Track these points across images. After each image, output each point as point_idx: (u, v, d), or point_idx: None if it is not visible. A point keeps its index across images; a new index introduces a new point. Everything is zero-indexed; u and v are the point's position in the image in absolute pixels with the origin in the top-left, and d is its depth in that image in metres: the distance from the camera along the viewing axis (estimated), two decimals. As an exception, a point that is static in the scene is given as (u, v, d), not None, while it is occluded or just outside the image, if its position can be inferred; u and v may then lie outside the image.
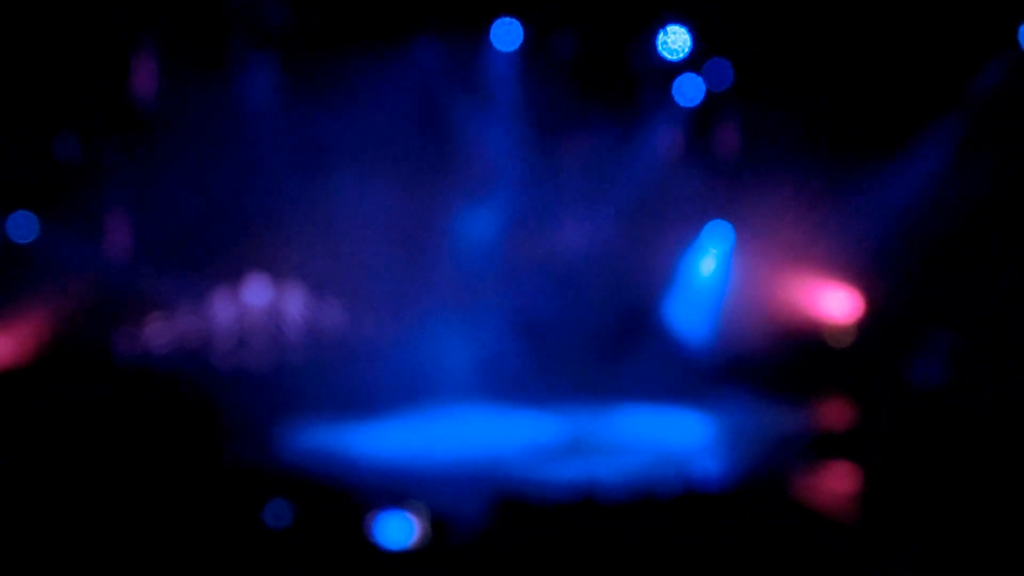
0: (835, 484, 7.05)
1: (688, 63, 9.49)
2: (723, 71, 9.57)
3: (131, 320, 9.62)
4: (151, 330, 9.70)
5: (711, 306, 9.83)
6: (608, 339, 9.58)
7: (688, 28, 9.34)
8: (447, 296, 9.45)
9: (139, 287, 9.50)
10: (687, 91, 9.67)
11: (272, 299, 9.84)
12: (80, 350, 9.14)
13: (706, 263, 9.88)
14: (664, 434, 8.59)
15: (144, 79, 9.26)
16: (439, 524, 5.49)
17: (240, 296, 9.83)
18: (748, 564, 5.11)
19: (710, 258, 9.87)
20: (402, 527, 5.43)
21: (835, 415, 8.85)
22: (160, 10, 8.98)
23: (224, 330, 9.79)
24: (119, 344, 9.60)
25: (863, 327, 9.70)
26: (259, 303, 9.83)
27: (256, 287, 9.83)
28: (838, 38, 8.99)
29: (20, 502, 5.91)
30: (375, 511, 5.51)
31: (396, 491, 5.81)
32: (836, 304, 9.79)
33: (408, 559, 5.39)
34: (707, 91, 9.64)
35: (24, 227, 9.27)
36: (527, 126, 9.57)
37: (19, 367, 9.00)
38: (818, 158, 9.12)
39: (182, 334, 9.74)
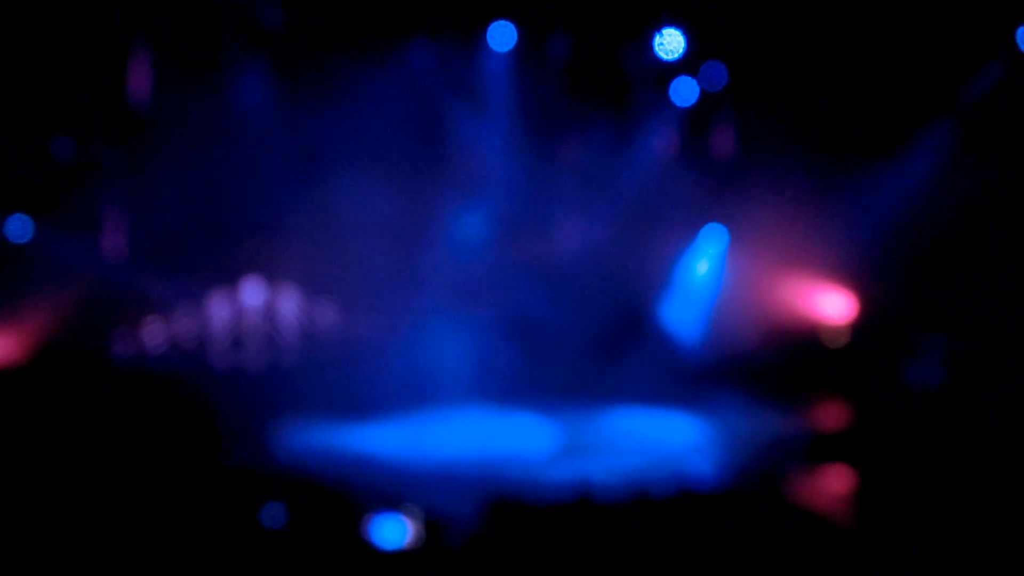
0: (830, 485, 7.06)
1: (683, 65, 9.50)
2: (718, 73, 9.58)
3: (127, 321, 9.62)
4: (147, 331, 9.70)
5: (706, 308, 9.84)
6: (603, 341, 9.58)
7: (683, 30, 9.35)
8: (442, 298, 9.45)
9: (135, 288, 9.50)
10: (682, 93, 9.68)
11: (267, 300, 9.84)
12: (77, 351, 9.14)
13: (701, 265, 9.89)
14: (659, 435, 8.60)
15: (140, 81, 9.26)
16: (433, 525, 5.49)
17: (236, 297, 9.83)
18: (742, 564, 5.12)
19: (705, 260, 9.87)
20: (397, 528, 5.43)
21: (831, 416, 8.85)
22: (157, 12, 8.98)
23: (220, 331, 9.79)
24: (116, 345, 9.60)
25: (858, 328, 9.71)
26: (255, 304, 9.83)
27: (252, 289, 9.83)
28: (833, 40, 9.00)
29: (17, 502, 5.91)
30: (370, 512, 5.51)
31: (391, 492, 5.81)
32: (831, 305, 9.80)
33: (403, 560, 5.39)
34: (702, 93, 9.65)
35: (20, 228, 9.27)
36: (522, 128, 9.57)
37: (16, 367, 9.00)
38: (813, 159, 9.13)
39: (178, 335, 9.74)
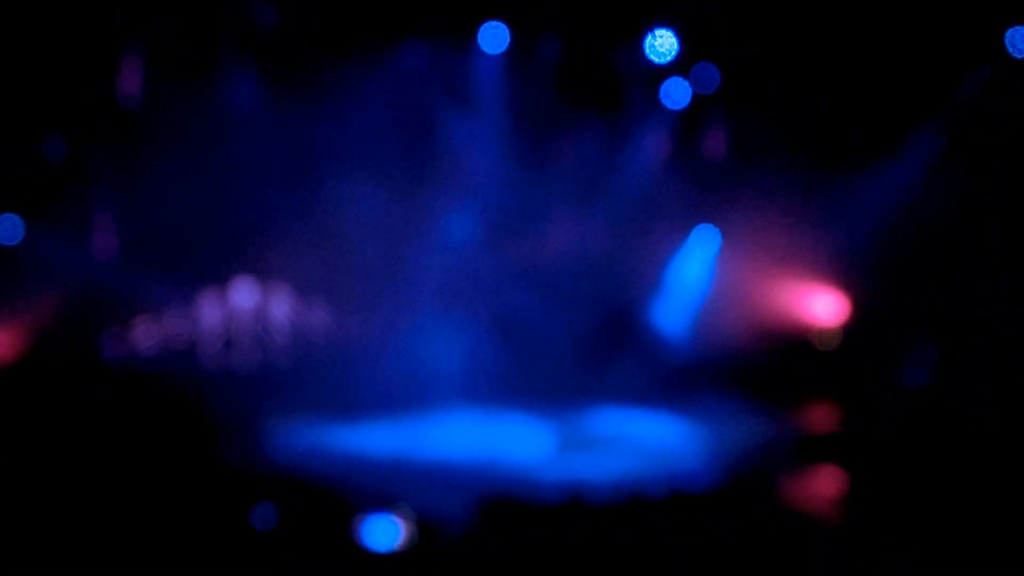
0: (822, 487, 7.08)
1: (675, 66, 9.51)
2: (710, 75, 9.59)
3: (118, 322, 9.61)
4: (138, 332, 9.68)
5: (697, 310, 9.85)
6: (594, 342, 9.59)
7: (675, 31, 9.36)
8: (433, 298, 9.45)
9: (126, 289, 9.49)
10: (674, 94, 9.69)
11: (259, 301, 9.83)
12: (68, 351, 9.12)
13: (692, 266, 9.90)
14: (650, 437, 8.61)
15: (132, 81, 9.25)
16: (425, 526, 5.49)
17: (227, 298, 9.82)
18: (735, 566, 5.13)
19: (696, 261, 9.89)
20: (388, 530, 5.43)
21: (822, 418, 8.87)
22: (150, 12, 8.97)
23: (211, 332, 9.78)
24: (106, 346, 9.58)
25: (850, 330, 9.73)
26: (246, 305, 9.83)
27: (243, 289, 9.83)
28: (825, 42, 9.02)
29: (7, 503, 5.89)
30: (361, 514, 5.51)
31: (382, 493, 5.81)
32: (823, 307, 9.82)
33: (395, 561, 5.39)
34: (694, 94, 9.66)
35: (11, 229, 9.24)
36: (513, 130, 9.57)
37: (6, 368, 8.97)
38: (805, 161, 9.15)
39: (169, 336, 9.73)
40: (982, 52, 8.91)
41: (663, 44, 9.33)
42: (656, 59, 9.43)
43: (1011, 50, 8.83)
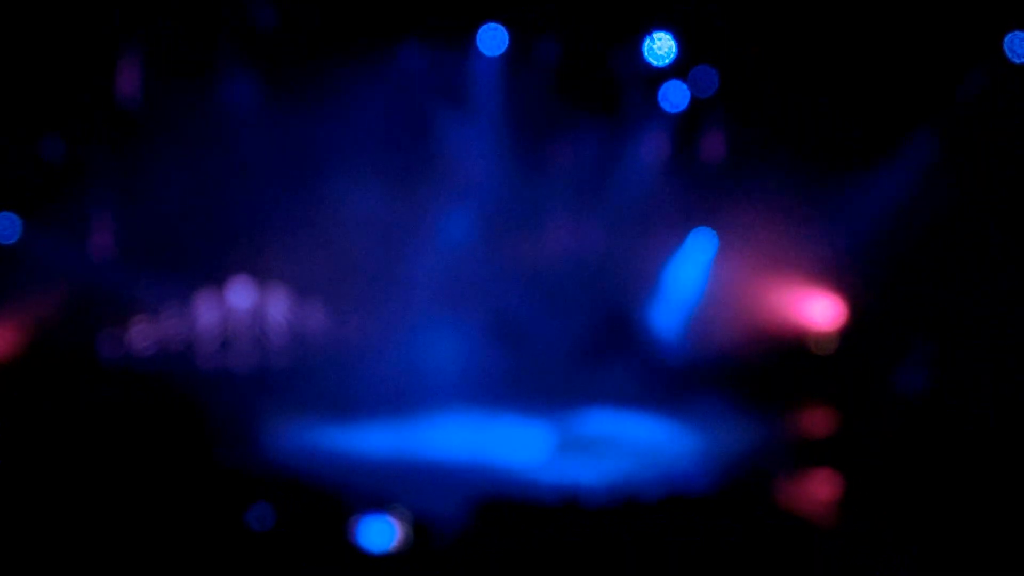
0: (818, 490, 7.08)
1: (674, 69, 9.52)
2: (708, 78, 9.60)
3: (115, 321, 9.60)
4: (135, 331, 9.68)
5: (694, 312, 9.86)
6: (591, 345, 9.59)
7: (674, 34, 9.37)
8: (430, 300, 9.45)
9: (123, 289, 9.48)
10: (672, 97, 9.70)
11: (256, 302, 9.83)
12: (64, 351, 9.11)
13: (690, 269, 9.91)
14: (647, 439, 8.61)
15: (130, 81, 9.25)
16: (421, 528, 5.49)
17: (224, 298, 9.82)
18: (731, 568, 5.13)
19: (694, 264, 9.89)
20: (384, 530, 5.43)
21: (818, 422, 8.87)
22: (148, 13, 8.97)
23: (208, 332, 9.78)
24: (103, 345, 9.58)
25: (846, 334, 9.74)
26: (243, 306, 9.82)
27: (240, 290, 9.82)
28: (823, 46, 9.03)
29: (5, 503, 5.89)
30: (357, 514, 5.51)
31: (378, 494, 5.81)
32: (819, 311, 9.83)
33: (390, 562, 5.39)
34: (692, 98, 9.67)
35: (9, 228, 9.24)
36: (512, 132, 9.58)
37: (2, 368, 8.97)
38: (802, 165, 9.15)
39: (166, 336, 9.72)
40: (980, 56, 8.93)
41: (661, 47, 9.34)
42: (654, 62, 9.43)
43: (1010, 55, 8.85)
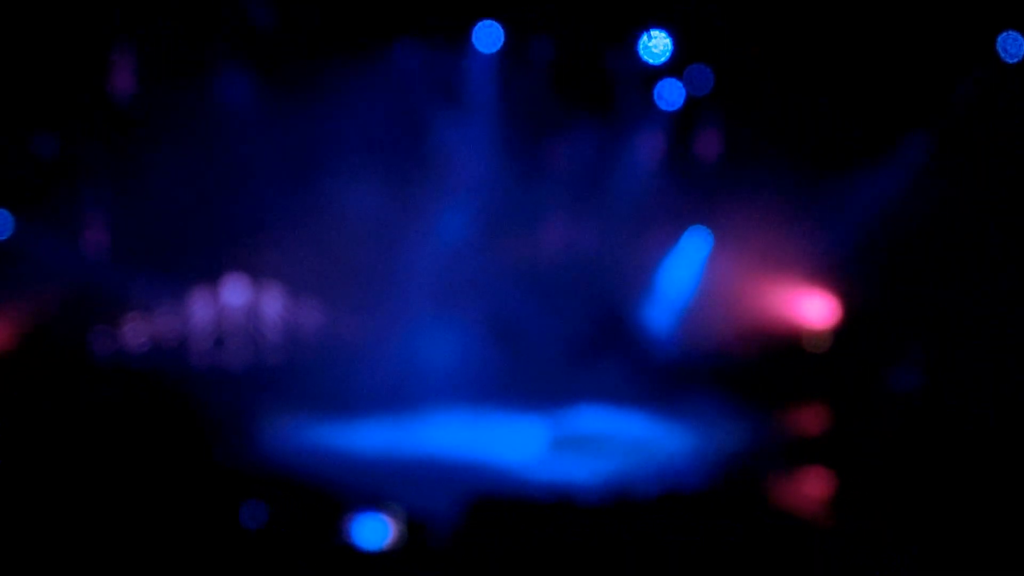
0: (811, 489, 7.09)
1: (669, 68, 9.52)
2: (704, 76, 9.60)
3: (108, 319, 9.58)
4: (128, 329, 9.66)
5: (689, 311, 9.86)
6: (586, 343, 9.59)
7: (669, 33, 9.37)
8: (425, 298, 9.44)
9: (117, 286, 9.46)
10: (668, 96, 9.70)
11: (250, 299, 9.82)
12: (57, 349, 9.09)
13: (684, 268, 9.92)
14: (640, 437, 8.62)
15: (125, 77, 9.23)
16: (415, 525, 5.49)
17: (218, 296, 9.80)
18: (724, 566, 5.14)
19: (688, 263, 9.90)
20: (378, 528, 5.43)
21: (811, 420, 8.89)
22: (143, 9, 8.95)
23: (202, 330, 9.76)
24: (96, 343, 9.55)
25: (840, 332, 9.75)
26: (237, 303, 9.81)
27: (234, 287, 9.81)
28: (819, 45, 9.04)
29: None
30: (352, 512, 5.51)
31: (373, 492, 5.81)
32: (813, 310, 9.84)
33: (384, 560, 5.38)
34: (688, 96, 9.67)
35: (1, 224, 9.22)
36: (507, 129, 9.57)
37: (-5, 365, 8.96)
38: (798, 164, 9.17)
39: (159, 333, 9.70)
40: (974, 56, 8.94)
41: (657, 45, 9.33)
42: (650, 60, 9.43)
43: (1003, 55, 8.87)
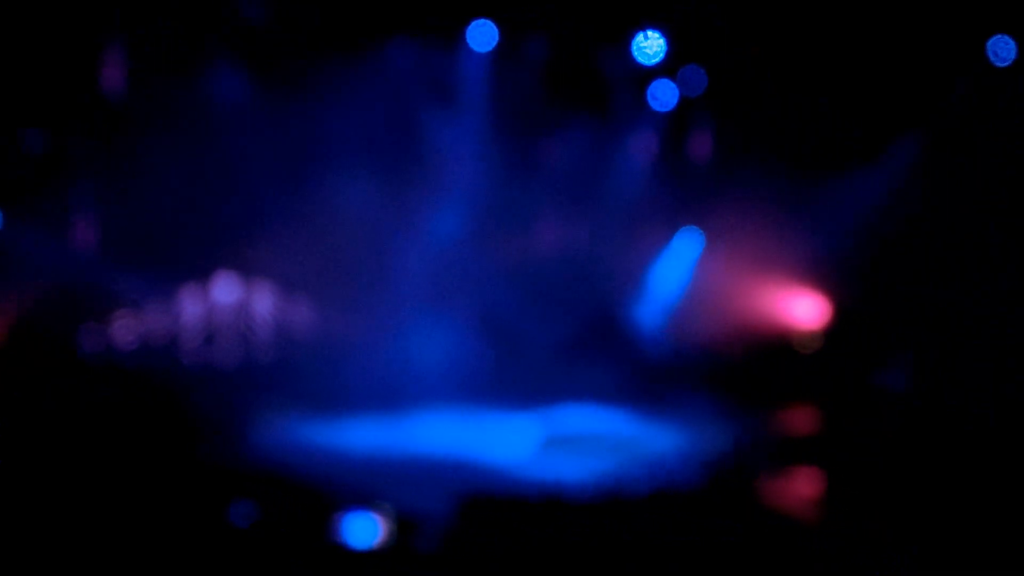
0: (800, 488, 7.10)
1: (663, 68, 9.52)
2: (697, 77, 9.61)
3: (97, 316, 9.55)
4: (117, 326, 9.62)
5: (680, 311, 9.87)
6: (577, 342, 9.59)
7: (663, 33, 9.37)
8: (417, 296, 9.43)
9: (106, 283, 9.43)
10: (661, 96, 9.70)
11: (241, 297, 9.79)
12: (45, 346, 9.05)
13: (676, 268, 9.92)
14: (632, 436, 8.62)
15: (115, 73, 9.19)
16: (405, 524, 5.47)
17: (209, 293, 9.77)
18: (715, 564, 5.14)
19: (680, 263, 9.91)
20: (368, 527, 5.41)
21: (801, 420, 8.90)
22: (134, 4, 8.91)
23: (192, 327, 9.73)
24: (85, 340, 9.52)
25: (830, 333, 9.77)
26: (228, 301, 9.78)
27: (225, 285, 9.78)
28: (812, 47, 9.06)
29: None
30: (342, 511, 5.49)
31: (363, 491, 5.79)
32: (804, 310, 9.86)
33: (374, 559, 5.37)
34: (681, 97, 9.68)
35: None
36: (500, 129, 9.57)
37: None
38: (790, 165, 9.19)
39: (149, 331, 9.67)
40: (964, 60, 8.97)
41: (651, 46, 9.34)
42: (644, 61, 9.43)
43: (993, 58, 8.90)
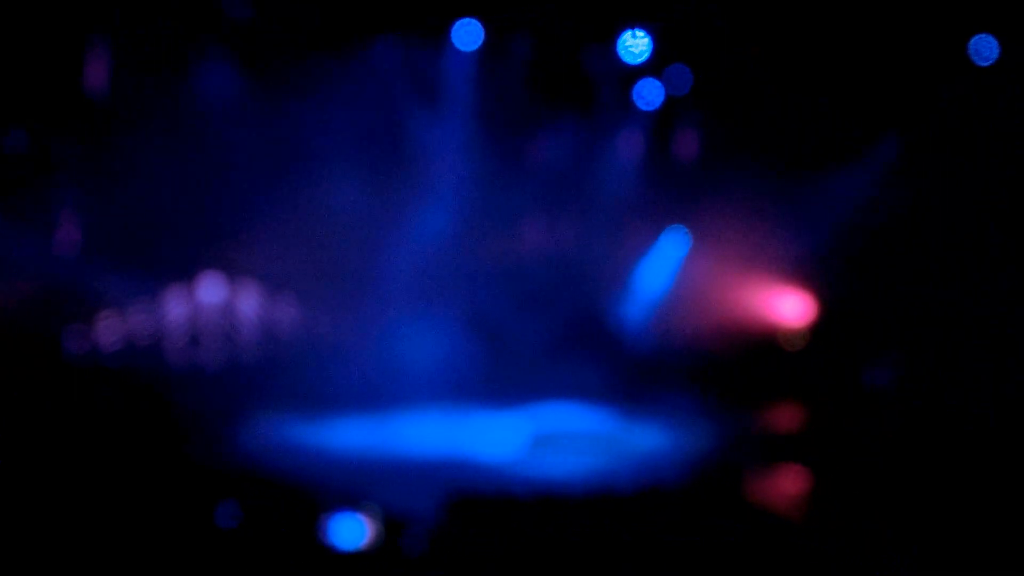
0: (786, 486, 7.13)
1: (648, 67, 9.54)
2: (683, 76, 9.63)
3: (82, 317, 9.51)
4: (102, 327, 9.58)
5: (667, 309, 9.89)
6: (565, 341, 9.61)
7: (649, 32, 9.39)
8: (404, 296, 9.43)
9: (90, 283, 9.39)
10: (647, 95, 9.72)
11: (226, 297, 9.76)
12: (29, 347, 9.01)
13: (662, 266, 9.95)
14: (620, 435, 8.64)
15: (99, 72, 9.15)
16: (393, 525, 5.47)
17: (194, 293, 9.74)
18: (702, 561, 5.15)
19: (666, 262, 9.93)
20: (355, 528, 5.41)
21: (787, 418, 8.94)
22: (118, 3, 8.87)
23: (177, 328, 9.70)
24: (69, 341, 9.48)
25: (816, 331, 9.81)
26: (213, 301, 9.75)
27: (210, 285, 9.75)
28: (796, 45, 9.10)
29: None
30: (329, 512, 5.48)
31: (351, 491, 5.78)
32: (790, 308, 9.89)
33: (363, 559, 5.36)
34: (667, 96, 9.69)
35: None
36: (486, 128, 9.57)
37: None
38: (776, 163, 9.22)
39: (134, 332, 9.63)
40: (948, 58, 9.02)
41: (637, 45, 9.35)
42: (629, 60, 9.45)
43: (975, 58, 8.95)
